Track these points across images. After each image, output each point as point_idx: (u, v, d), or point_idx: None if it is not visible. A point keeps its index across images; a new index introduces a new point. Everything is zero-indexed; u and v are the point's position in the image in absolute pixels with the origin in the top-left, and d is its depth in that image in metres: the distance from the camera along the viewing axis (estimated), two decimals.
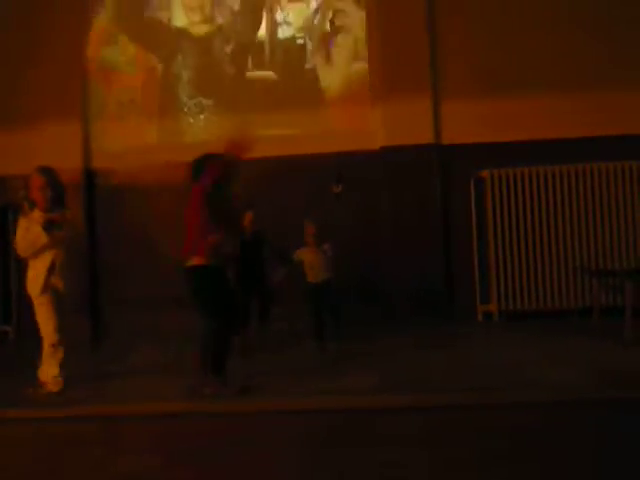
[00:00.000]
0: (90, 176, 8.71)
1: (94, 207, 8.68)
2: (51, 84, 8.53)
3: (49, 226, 5.40)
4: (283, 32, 8.59)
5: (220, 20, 8.73)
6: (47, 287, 5.45)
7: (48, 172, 5.60)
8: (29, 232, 5.39)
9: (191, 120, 8.73)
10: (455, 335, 7.24)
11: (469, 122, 7.98)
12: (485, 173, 7.98)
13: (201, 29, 8.76)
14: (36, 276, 5.47)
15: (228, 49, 8.70)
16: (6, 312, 8.65)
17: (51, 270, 5.46)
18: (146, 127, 8.78)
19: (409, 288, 7.84)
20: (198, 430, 4.30)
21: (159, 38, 8.82)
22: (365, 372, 5.47)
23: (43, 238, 5.38)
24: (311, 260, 6.73)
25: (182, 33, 8.78)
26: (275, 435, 4.15)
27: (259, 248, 7.11)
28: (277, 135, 8.46)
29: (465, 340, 7.00)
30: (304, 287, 6.72)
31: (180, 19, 8.79)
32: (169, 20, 8.80)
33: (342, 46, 8.47)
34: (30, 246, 5.41)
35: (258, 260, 7.10)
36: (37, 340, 5.61)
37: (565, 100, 7.90)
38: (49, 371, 5.42)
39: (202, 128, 8.68)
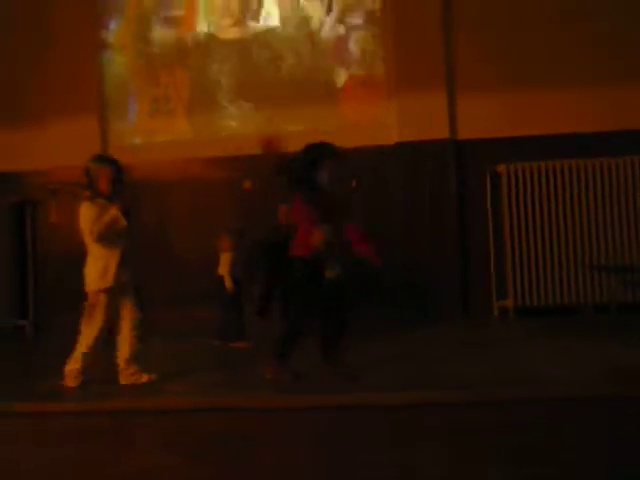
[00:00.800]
0: None
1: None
2: (68, 81, 8.58)
3: (124, 214, 5.20)
4: (298, 27, 8.57)
5: (236, 15, 8.73)
6: (116, 281, 5.27)
7: (116, 163, 5.40)
8: (106, 214, 5.13)
9: (209, 116, 8.73)
10: (471, 331, 7.21)
11: (485, 117, 7.93)
12: (501, 168, 7.93)
13: (219, 26, 8.76)
14: (105, 270, 5.25)
15: (246, 45, 8.69)
16: (23, 307, 8.71)
17: (120, 263, 5.27)
18: (164, 123, 8.81)
19: (424, 284, 7.81)
20: (211, 426, 4.29)
21: (177, 35, 8.84)
22: (377, 369, 5.44)
23: (122, 221, 5.15)
24: None
25: (200, 30, 8.79)
26: (288, 432, 4.14)
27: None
28: (292, 131, 8.46)
29: (480, 336, 6.97)
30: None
31: (199, 16, 8.80)
32: (186, 18, 8.81)
33: (357, 41, 8.44)
34: (109, 227, 5.13)
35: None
36: (54, 335, 5.62)
37: (582, 94, 7.83)
38: (72, 366, 5.35)
39: (220, 124, 8.69)
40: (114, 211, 5.16)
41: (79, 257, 8.39)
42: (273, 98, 8.58)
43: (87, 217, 5.20)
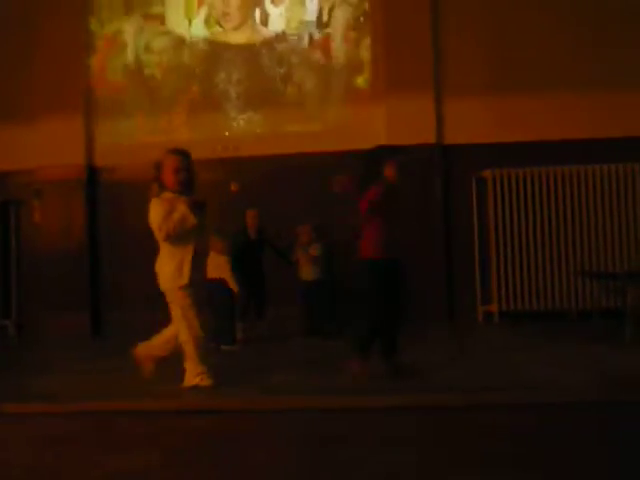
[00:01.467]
0: (92, 172, 8.71)
1: (96, 203, 8.69)
2: (54, 80, 8.55)
3: (194, 209, 5.00)
4: (283, 28, 8.56)
5: (226, 17, 8.72)
6: (192, 278, 5.08)
7: (184, 154, 5.23)
8: (176, 211, 4.96)
9: (197, 117, 8.71)
10: (455, 335, 7.23)
11: (471, 122, 7.98)
12: (487, 173, 7.97)
13: (207, 26, 8.75)
14: (180, 266, 5.08)
15: (237, 48, 8.68)
16: (6, 306, 8.66)
17: (194, 259, 5.09)
18: (149, 124, 8.78)
19: (409, 288, 7.81)
20: (195, 427, 4.28)
21: (164, 35, 8.82)
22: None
23: (192, 219, 4.96)
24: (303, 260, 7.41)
25: (191, 30, 8.77)
26: (274, 434, 4.13)
27: (261, 246, 7.28)
28: (279, 133, 8.48)
29: (465, 340, 6.99)
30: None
31: (186, 15, 8.79)
32: (174, 16, 8.80)
33: (345, 45, 8.45)
34: (178, 226, 4.95)
35: (259, 258, 7.29)
36: (37, 336, 5.58)
37: (569, 101, 7.89)
38: (194, 369, 5.07)
39: (209, 125, 8.67)
40: (183, 208, 4.97)
41: (62, 257, 8.45)
42: (262, 100, 8.58)
43: (156, 215, 5.03)
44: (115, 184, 8.64)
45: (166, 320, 7.82)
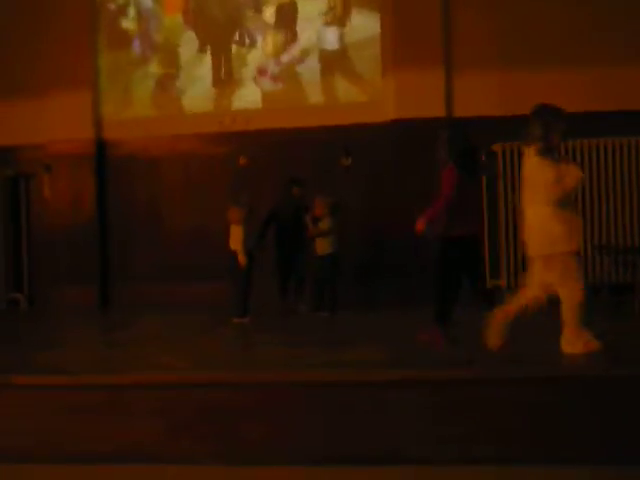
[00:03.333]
0: (101, 147, 8.71)
1: (105, 177, 8.70)
2: (62, 54, 8.52)
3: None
4: (292, 3, 8.50)
5: None
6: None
7: (565, 116, 5.11)
8: (567, 175, 4.79)
9: (203, 91, 8.68)
10: (463, 310, 7.22)
11: (481, 95, 7.90)
12: (497, 147, 7.91)
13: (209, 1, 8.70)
14: (570, 231, 4.82)
15: (240, 17, 8.63)
16: (17, 280, 8.71)
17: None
18: (159, 98, 8.76)
19: (416, 261, 7.81)
20: (205, 401, 4.30)
21: (172, 11, 8.77)
22: (372, 346, 5.46)
23: (578, 185, 4.88)
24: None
25: (192, 6, 8.72)
26: (285, 407, 4.15)
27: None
28: (287, 106, 8.44)
29: (472, 315, 6.98)
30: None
31: None
32: None
33: (355, 18, 8.38)
34: (571, 190, 4.84)
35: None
36: (48, 309, 5.61)
37: (579, 74, 7.79)
38: (575, 335, 4.83)
39: (216, 99, 8.65)
40: (576, 172, 4.84)
41: (72, 231, 8.49)
42: (269, 75, 8.53)
43: (547, 175, 4.82)
44: (124, 158, 8.65)
45: (173, 294, 7.88)
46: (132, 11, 8.82)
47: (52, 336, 6.57)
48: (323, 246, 7.32)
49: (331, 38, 8.43)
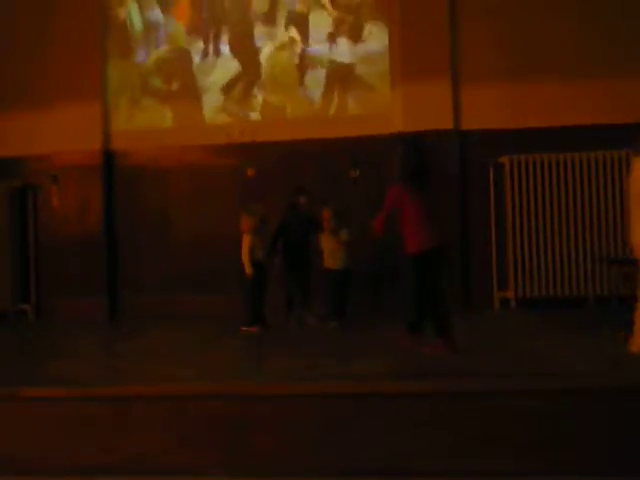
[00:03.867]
0: (109, 157, 8.74)
1: (113, 188, 8.72)
2: (71, 65, 8.57)
3: None
4: (302, 12, 8.53)
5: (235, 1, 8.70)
6: None
7: None
8: None
9: (211, 103, 8.70)
10: (472, 321, 7.22)
11: (489, 108, 7.92)
12: (504, 159, 7.93)
13: (221, 11, 8.74)
14: None
15: (246, 30, 8.66)
16: (25, 291, 8.72)
17: None
18: (166, 109, 8.78)
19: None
20: (212, 412, 4.30)
21: (180, 22, 8.81)
22: (378, 357, 5.46)
23: None
24: (330, 247, 7.08)
25: (204, 17, 8.76)
26: (291, 419, 4.15)
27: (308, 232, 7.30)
28: (296, 119, 8.47)
29: (481, 327, 6.98)
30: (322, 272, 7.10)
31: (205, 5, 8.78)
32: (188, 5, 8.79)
33: (362, 29, 8.41)
34: None
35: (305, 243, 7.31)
36: (55, 320, 5.62)
37: (587, 87, 7.81)
38: None
39: (225, 111, 8.67)
40: None
41: (79, 242, 8.51)
42: (276, 86, 8.57)
43: None
44: (132, 169, 8.68)
45: (183, 304, 7.90)
46: (141, 21, 8.85)
47: (59, 347, 6.58)
48: (339, 259, 7.13)
49: (340, 50, 8.46)
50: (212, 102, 8.68)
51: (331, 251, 7.12)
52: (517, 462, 3.22)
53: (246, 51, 8.65)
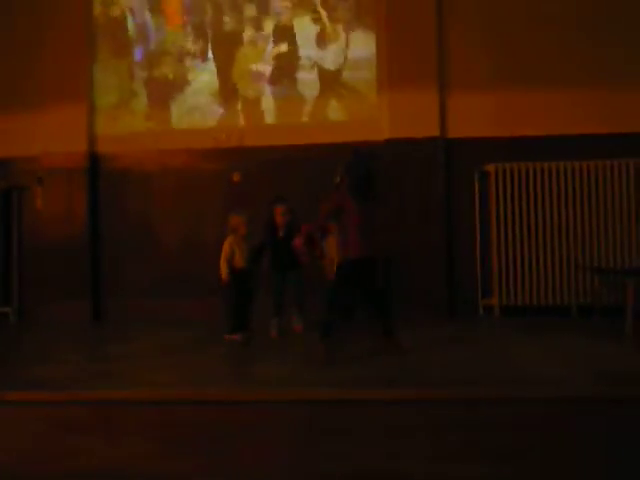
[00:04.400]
0: (95, 160, 8.71)
1: (98, 191, 8.69)
2: (57, 67, 8.55)
3: None
4: (290, 19, 8.56)
5: (225, 6, 8.70)
6: None
7: None
8: None
9: (198, 107, 8.69)
10: (457, 329, 7.24)
11: (475, 116, 7.97)
12: (490, 167, 7.96)
13: (207, 16, 8.73)
14: None
15: (236, 35, 8.67)
16: (7, 293, 8.67)
17: None
18: (152, 112, 8.77)
19: (410, 281, 7.83)
20: (194, 418, 4.30)
21: (166, 28, 8.80)
22: (366, 365, 5.47)
23: None
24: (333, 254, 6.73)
25: (189, 23, 8.76)
26: (274, 425, 4.15)
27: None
28: (282, 124, 8.48)
29: (466, 334, 7.00)
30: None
31: (191, 9, 8.77)
32: (175, 11, 8.78)
33: (350, 37, 8.43)
34: None
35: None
36: (38, 322, 5.59)
37: (573, 96, 7.88)
38: None
39: (209, 116, 8.66)
40: None
41: (64, 244, 8.47)
42: (262, 91, 8.57)
43: None
44: (117, 172, 8.65)
45: (166, 308, 7.88)
46: (128, 25, 8.84)
47: (41, 351, 6.54)
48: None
49: (327, 56, 8.48)
50: (199, 106, 8.67)
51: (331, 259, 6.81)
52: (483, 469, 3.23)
53: (233, 56, 8.66)
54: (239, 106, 8.61)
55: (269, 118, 8.56)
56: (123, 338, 7.13)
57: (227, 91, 8.64)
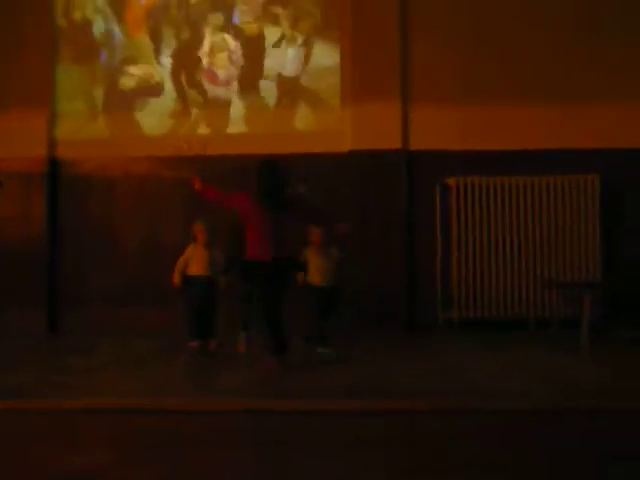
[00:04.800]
0: (55, 166, 8.58)
1: (58, 197, 8.56)
2: (19, 72, 8.42)
3: None
4: (255, 29, 8.55)
5: (189, 15, 8.67)
6: None
7: None
8: None
9: (160, 114, 8.63)
10: (415, 342, 7.27)
11: (437, 129, 8.03)
12: (451, 181, 8.03)
13: (171, 24, 8.69)
14: None
15: (201, 44, 8.64)
16: None
17: None
18: (114, 119, 8.68)
19: (371, 293, 7.85)
20: (151, 427, 4.25)
21: (131, 31, 8.74)
22: (326, 377, 5.47)
23: None
24: (318, 262, 6.59)
25: (154, 28, 8.71)
26: (231, 435, 4.12)
27: None
28: (245, 133, 8.46)
29: (425, 347, 7.04)
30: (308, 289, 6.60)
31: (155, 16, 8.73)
32: (136, 17, 8.73)
33: (314, 49, 8.45)
34: None
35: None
36: None
37: (534, 112, 8.00)
38: None
39: (172, 124, 8.60)
40: None
41: (21, 252, 8.31)
42: (225, 102, 8.55)
43: None
44: (77, 178, 8.53)
45: (126, 318, 7.76)
46: (92, 31, 8.75)
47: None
48: (328, 276, 6.62)
49: (291, 67, 8.49)
50: (161, 114, 8.61)
51: (318, 267, 6.60)
52: None
53: (197, 64, 8.62)
54: (202, 115, 8.57)
55: (233, 127, 8.54)
56: (80, 348, 7.02)
57: (190, 99, 8.60)
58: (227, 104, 8.54)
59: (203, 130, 8.54)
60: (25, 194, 8.48)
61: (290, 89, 8.49)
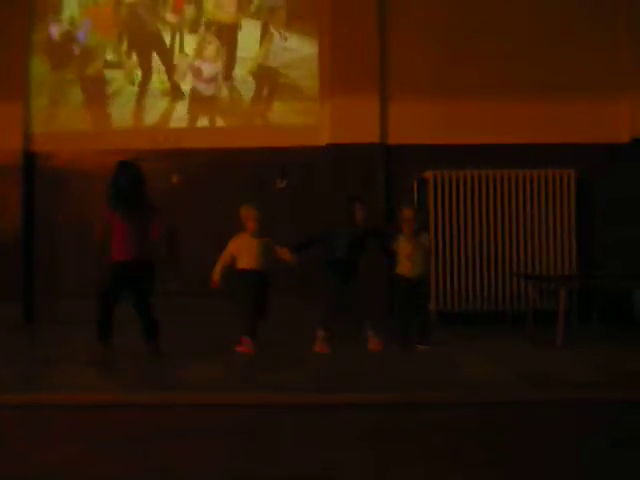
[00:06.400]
0: (30, 158, 8.50)
1: (33, 190, 8.48)
2: None
3: None
4: (231, 20, 8.52)
5: (163, 6, 8.61)
6: None
7: None
8: None
9: (139, 108, 8.58)
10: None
11: (416, 123, 8.05)
12: (428, 174, 8.05)
13: (147, 16, 8.63)
14: None
15: (175, 36, 8.58)
16: None
17: None
18: (90, 112, 8.61)
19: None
20: (122, 421, 4.22)
21: (105, 22, 8.67)
22: (297, 370, 5.47)
23: None
24: (409, 251, 6.23)
25: (128, 19, 8.64)
26: (207, 429, 4.10)
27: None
28: (222, 127, 8.43)
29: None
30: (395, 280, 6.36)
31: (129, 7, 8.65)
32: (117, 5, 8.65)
33: (292, 41, 8.43)
34: None
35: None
36: None
37: (510, 106, 8.05)
38: None
39: (149, 116, 8.55)
40: None
41: (0, 242, 8.24)
42: (201, 95, 8.51)
43: None
44: (53, 171, 8.46)
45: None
46: (66, 24, 8.66)
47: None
48: (419, 266, 6.34)
49: (268, 60, 8.46)
50: (137, 106, 8.55)
51: (408, 257, 6.27)
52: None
53: (172, 57, 8.57)
54: (177, 108, 8.52)
55: (208, 120, 8.50)
56: (56, 340, 6.98)
57: (165, 92, 8.55)
58: (203, 97, 8.50)
59: (178, 123, 8.49)
60: (0, 187, 8.40)
61: (267, 82, 8.46)
